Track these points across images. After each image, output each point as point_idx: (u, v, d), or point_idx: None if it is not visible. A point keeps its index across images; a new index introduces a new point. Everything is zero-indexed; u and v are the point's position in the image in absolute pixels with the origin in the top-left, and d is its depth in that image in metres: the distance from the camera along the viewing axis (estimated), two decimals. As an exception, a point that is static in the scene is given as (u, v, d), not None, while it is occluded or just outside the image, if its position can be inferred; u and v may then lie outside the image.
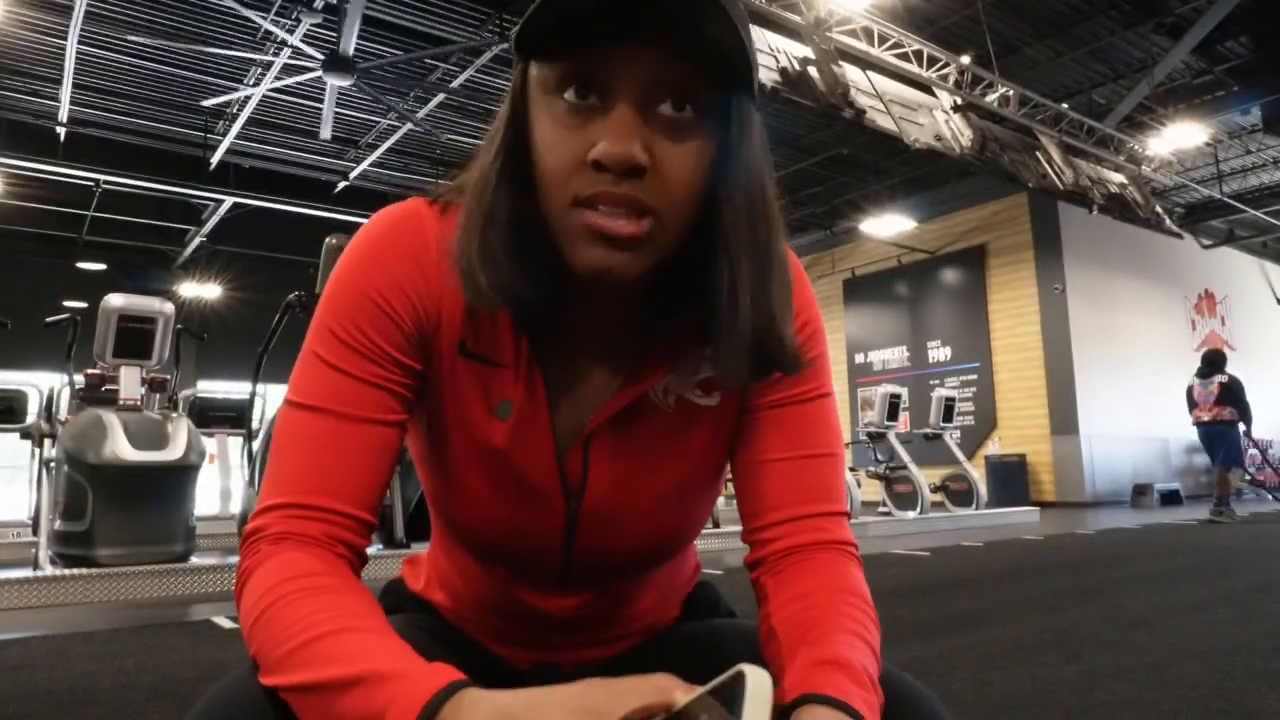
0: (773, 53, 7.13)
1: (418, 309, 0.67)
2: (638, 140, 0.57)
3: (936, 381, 13.47)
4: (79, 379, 5.29)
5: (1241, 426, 9.21)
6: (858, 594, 0.67)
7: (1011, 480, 12.31)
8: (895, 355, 14.78)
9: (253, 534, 0.63)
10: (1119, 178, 10.95)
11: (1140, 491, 12.33)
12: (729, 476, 0.79)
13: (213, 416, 6.87)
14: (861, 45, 7.80)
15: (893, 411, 9.47)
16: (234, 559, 4.94)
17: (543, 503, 0.71)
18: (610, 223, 0.58)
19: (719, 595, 0.91)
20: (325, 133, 9.87)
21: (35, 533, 4.99)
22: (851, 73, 7.74)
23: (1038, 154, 9.63)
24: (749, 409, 0.73)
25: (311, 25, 8.13)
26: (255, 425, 6.46)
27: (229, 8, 8.03)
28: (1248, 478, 14.25)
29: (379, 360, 0.66)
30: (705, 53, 0.58)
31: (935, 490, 9.78)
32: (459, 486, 0.72)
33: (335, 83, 8.35)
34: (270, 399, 7.47)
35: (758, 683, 0.42)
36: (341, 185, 12.25)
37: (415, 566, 0.88)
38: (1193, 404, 9.42)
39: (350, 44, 7.83)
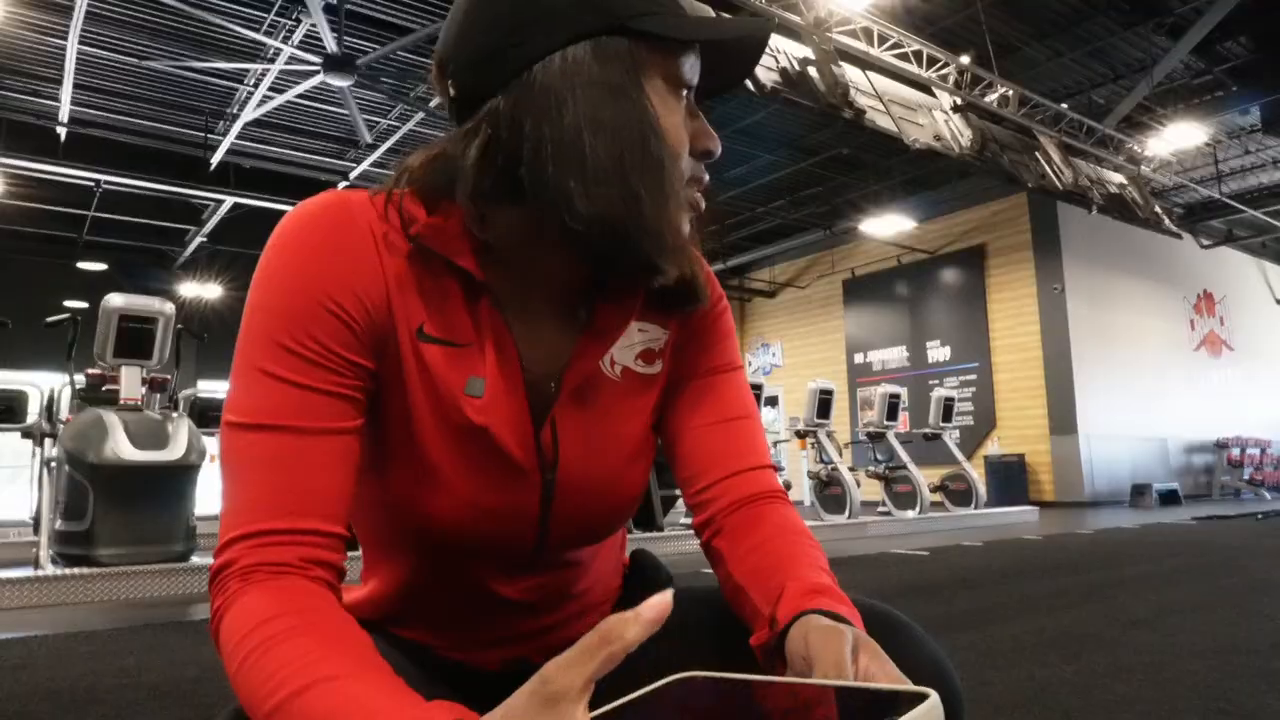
0: (773, 53, 7.13)
1: (367, 305, 0.66)
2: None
3: (936, 381, 13.48)
4: (79, 379, 5.29)
5: None
6: (802, 532, 0.74)
7: (1010, 480, 12.33)
8: (895, 355, 14.79)
9: (220, 570, 0.60)
10: (1118, 178, 10.96)
11: (1139, 491, 12.34)
12: None
13: (213, 416, 6.86)
14: (861, 45, 7.81)
15: (892, 411, 9.48)
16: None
17: (520, 477, 0.72)
18: (698, 199, 0.71)
19: (656, 560, 0.94)
20: (365, 136, 9.95)
21: (36, 532, 5.00)
22: (851, 73, 7.74)
23: (1037, 154, 9.64)
24: (678, 380, 0.80)
25: (311, 27, 8.14)
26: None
27: (230, 11, 8.03)
28: (1246, 477, 14.28)
29: (336, 367, 0.64)
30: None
31: (934, 490, 9.79)
32: (431, 478, 0.70)
33: (337, 83, 8.35)
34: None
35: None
36: (341, 185, 12.25)
37: (348, 593, 0.81)
38: None
39: (331, 43, 7.83)
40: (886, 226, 13.16)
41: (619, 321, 0.74)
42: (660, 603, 0.44)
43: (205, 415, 6.74)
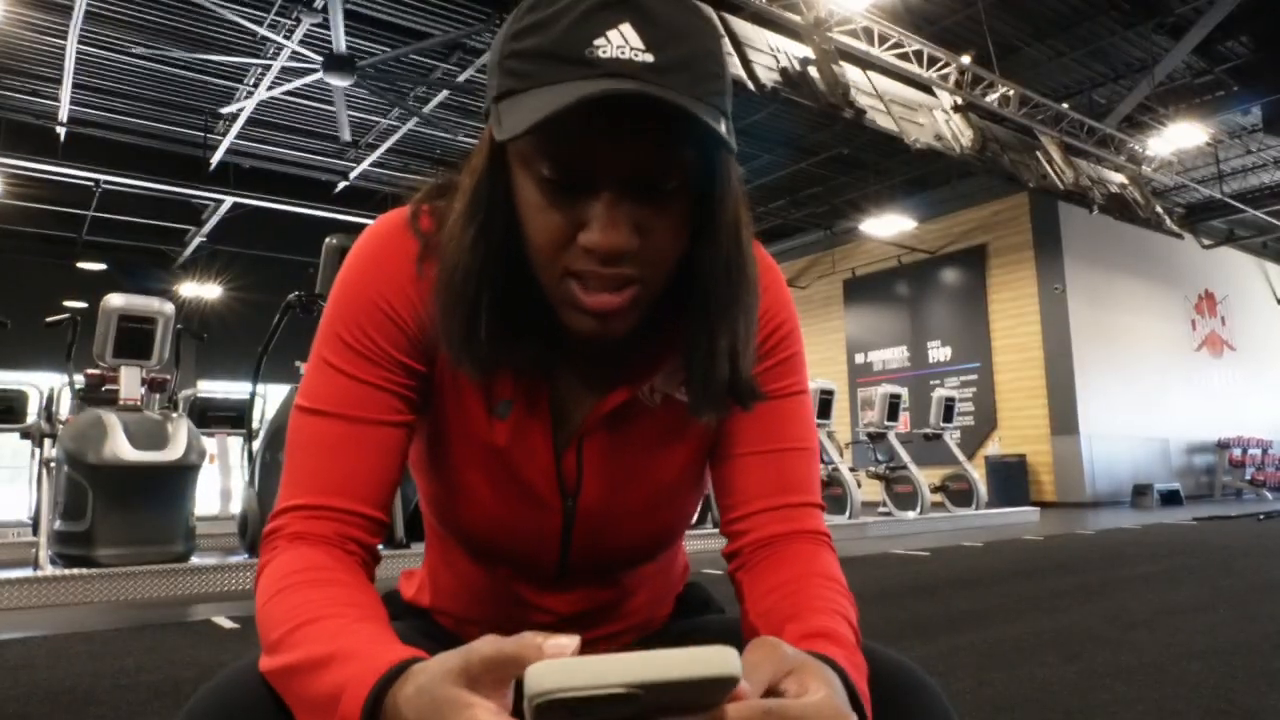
0: (773, 53, 7.13)
1: (420, 313, 0.68)
2: (626, 226, 0.58)
3: (937, 382, 13.47)
4: (79, 379, 5.30)
5: None
6: (831, 578, 0.69)
7: (1011, 480, 12.32)
8: (895, 355, 14.78)
9: (272, 533, 0.66)
10: (1119, 178, 10.96)
11: (1140, 492, 12.33)
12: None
13: (213, 416, 6.87)
14: (861, 45, 7.80)
15: (893, 411, 9.48)
16: (234, 559, 4.95)
17: (541, 502, 0.73)
18: (595, 299, 0.60)
19: (708, 594, 0.93)
20: (345, 135, 9.92)
21: (35, 533, 5.00)
22: (851, 73, 7.74)
23: (1038, 154, 9.63)
24: None
25: (311, 26, 8.14)
26: (255, 425, 6.46)
27: (229, 10, 8.03)
28: (1247, 478, 14.27)
29: (386, 364, 0.68)
30: (688, 137, 0.58)
31: (935, 490, 9.78)
32: (459, 487, 0.73)
33: (335, 83, 8.36)
34: (270, 399, 7.45)
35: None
36: (341, 185, 12.25)
37: (411, 579, 0.89)
38: None
39: (341, 42, 7.84)
40: (887, 226, 13.15)
41: (660, 351, 0.71)
42: (561, 645, 0.46)
43: (205, 415, 6.74)
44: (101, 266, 13.68)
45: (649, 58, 0.55)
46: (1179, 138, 10.77)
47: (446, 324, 0.65)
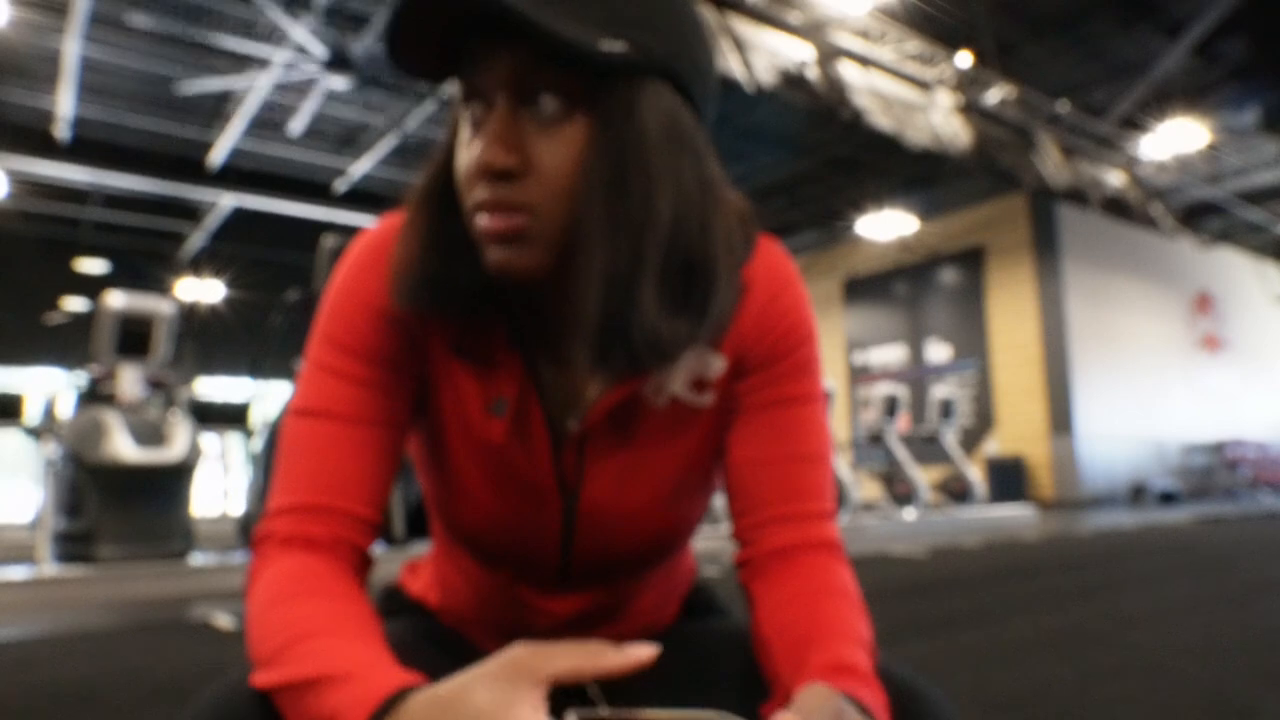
0: (772, 53, 7.14)
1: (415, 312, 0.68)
2: (500, 145, 0.58)
3: (935, 381, 13.49)
4: (80, 378, 5.30)
5: None
6: (845, 595, 0.68)
7: (1009, 480, 12.33)
8: (894, 355, 14.79)
9: (264, 538, 0.65)
10: (1117, 177, 10.98)
11: (1137, 491, 12.34)
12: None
13: (213, 416, 6.86)
14: (861, 45, 7.81)
15: (891, 411, 9.49)
16: (234, 558, 4.95)
17: (540, 501, 0.72)
18: (489, 222, 0.60)
19: (714, 596, 0.92)
20: (299, 126, 9.84)
21: (36, 531, 5.00)
22: (850, 73, 7.75)
23: (1036, 154, 9.65)
24: (739, 409, 0.73)
25: (312, 26, 8.14)
26: (255, 425, 6.47)
27: (230, 9, 8.03)
28: (1243, 477, 14.29)
29: (380, 364, 0.68)
30: (557, 48, 0.56)
31: (934, 490, 9.80)
32: (458, 487, 0.73)
33: (336, 84, 8.36)
34: (270, 398, 7.46)
35: None
36: (342, 186, 12.25)
37: (415, 572, 0.88)
38: None
39: (358, 47, 7.85)
40: (885, 227, 13.16)
41: None
42: (645, 654, 0.48)
43: (204, 414, 6.73)
44: (102, 266, 13.68)
45: None
46: (1176, 138, 10.78)
47: (398, 254, 0.66)
